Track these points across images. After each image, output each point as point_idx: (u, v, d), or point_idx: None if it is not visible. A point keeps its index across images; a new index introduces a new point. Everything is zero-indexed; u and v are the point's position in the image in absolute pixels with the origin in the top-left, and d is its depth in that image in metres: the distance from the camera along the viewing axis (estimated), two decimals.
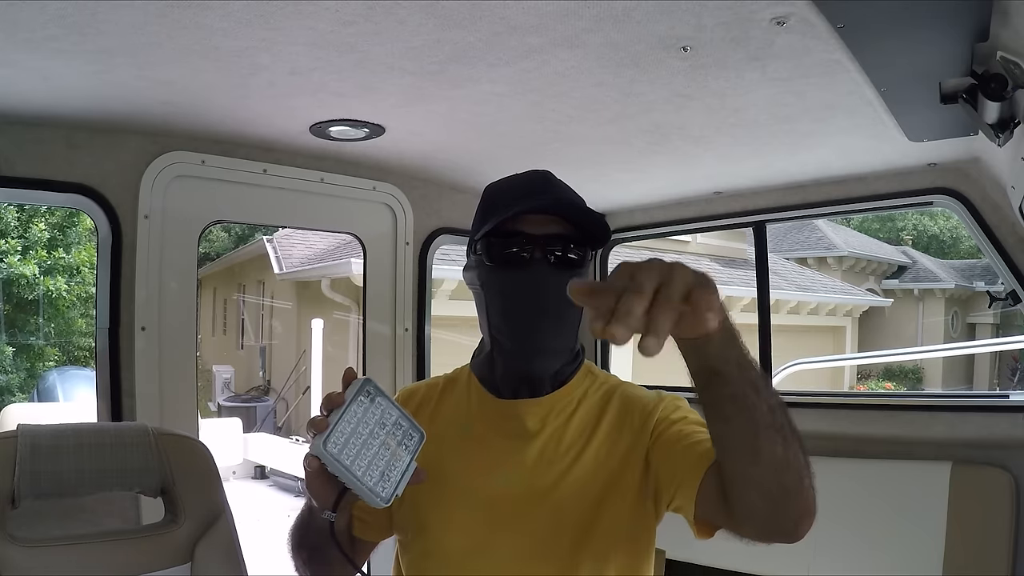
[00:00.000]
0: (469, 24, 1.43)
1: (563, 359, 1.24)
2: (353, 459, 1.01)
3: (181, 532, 1.55)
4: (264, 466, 9.15)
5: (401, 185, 2.69)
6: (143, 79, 1.75)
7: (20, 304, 10.94)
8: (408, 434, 1.08)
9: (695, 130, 2.07)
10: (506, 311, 1.20)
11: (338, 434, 1.01)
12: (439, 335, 2.89)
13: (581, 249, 1.20)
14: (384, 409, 1.06)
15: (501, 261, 1.20)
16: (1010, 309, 4.94)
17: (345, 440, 1.01)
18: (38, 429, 1.50)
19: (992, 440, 2.37)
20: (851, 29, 1.39)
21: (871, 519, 2.49)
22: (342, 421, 1.01)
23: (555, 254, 1.18)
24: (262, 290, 14.08)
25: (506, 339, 1.22)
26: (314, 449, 1.00)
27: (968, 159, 2.27)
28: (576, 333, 1.25)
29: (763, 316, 2.97)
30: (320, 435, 1.00)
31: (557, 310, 1.18)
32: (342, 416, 1.01)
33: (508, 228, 1.18)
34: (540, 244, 1.17)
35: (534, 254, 1.17)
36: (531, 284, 1.17)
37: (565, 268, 1.18)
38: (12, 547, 1.40)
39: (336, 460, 0.99)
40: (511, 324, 1.20)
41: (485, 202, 1.27)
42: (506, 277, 1.19)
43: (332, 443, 1.00)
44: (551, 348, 1.21)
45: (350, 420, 1.02)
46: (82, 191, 2.12)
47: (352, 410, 1.03)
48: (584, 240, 1.20)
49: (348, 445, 1.01)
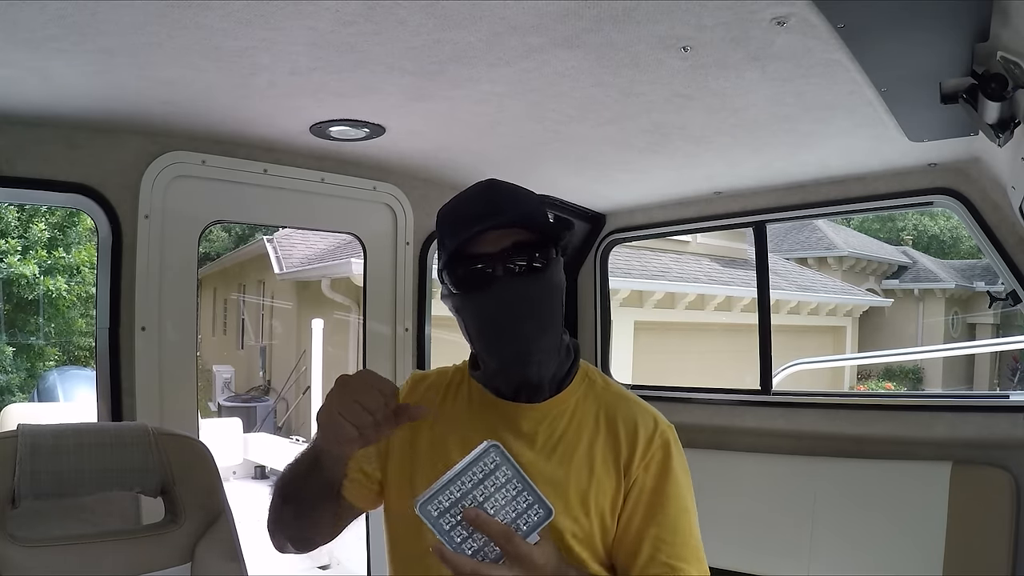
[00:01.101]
0: (469, 24, 1.43)
1: (554, 357, 1.25)
2: (453, 526, 0.96)
3: (181, 532, 1.55)
4: (264, 466, 9.14)
5: (401, 185, 2.69)
6: (143, 79, 1.75)
7: (20, 304, 10.94)
8: (533, 508, 1.01)
9: (695, 130, 2.07)
10: (487, 331, 1.22)
11: (444, 497, 0.96)
12: (439, 335, 2.88)
13: (543, 250, 1.21)
14: (509, 478, 1.00)
15: (468, 285, 1.21)
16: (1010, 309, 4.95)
17: (450, 505, 0.96)
18: (38, 429, 1.50)
19: (992, 440, 2.37)
20: (851, 29, 1.39)
21: (871, 519, 2.49)
22: (453, 483, 0.97)
23: (518, 264, 1.19)
24: (262, 290, 14.08)
25: (495, 356, 1.23)
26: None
27: (968, 159, 2.27)
28: (560, 329, 1.26)
29: (763, 316, 2.98)
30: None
31: (535, 315, 1.19)
32: (455, 478, 0.97)
33: (466, 252, 1.19)
34: (500, 260, 1.18)
35: (496, 271, 1.18)
36: (502, 300, 1.18)
37: (530, 275, 1.19)
38: (12, 547, 1.40)
39: (432, 524, 0.95)
40: (495, 342, 1.22)
41: (440, 229, 1.27)
42: (477, 300, 1.20)
43: (434, 506, 0.95)
44: (538, 352, 1.21)
45: (463, 484, 0.97)
46: (82, 191, 2.12)
47: (469, 474, 0.98)
48: (545, 240, 1.21)
49: (451, 511, 0.96)
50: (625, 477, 1.23)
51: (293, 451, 8.06)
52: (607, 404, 1.29)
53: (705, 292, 12.38)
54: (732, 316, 12.75)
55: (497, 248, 1.18)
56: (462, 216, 1.22)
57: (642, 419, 1.27)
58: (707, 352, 12.32)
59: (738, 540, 2.68)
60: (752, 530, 2.69)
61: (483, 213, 1.19)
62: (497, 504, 0.99)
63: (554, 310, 1.23)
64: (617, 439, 1.25)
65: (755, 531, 2.69)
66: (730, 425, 2.90)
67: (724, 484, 2.74)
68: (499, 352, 1.22)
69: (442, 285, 1.28)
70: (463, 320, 1.24)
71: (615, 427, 1.26)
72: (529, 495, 1.01)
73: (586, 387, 1.30)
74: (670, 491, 1.22)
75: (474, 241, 1.18)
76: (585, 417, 1.27)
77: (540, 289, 1.20)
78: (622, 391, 1.33)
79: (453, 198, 1.28)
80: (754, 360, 2.93)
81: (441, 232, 1.26)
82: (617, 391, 1.33)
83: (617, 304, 10.30)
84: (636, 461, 1.23)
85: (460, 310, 1.24)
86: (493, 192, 1.24)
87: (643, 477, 1.23)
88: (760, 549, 2.67)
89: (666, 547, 1.19)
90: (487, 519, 0.98)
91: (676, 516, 1.21)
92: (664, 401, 3.05)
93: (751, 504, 2.72)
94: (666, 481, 1.23)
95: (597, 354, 3.28)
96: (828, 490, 2.61)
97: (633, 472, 1.22)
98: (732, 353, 11.05)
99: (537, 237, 1.20)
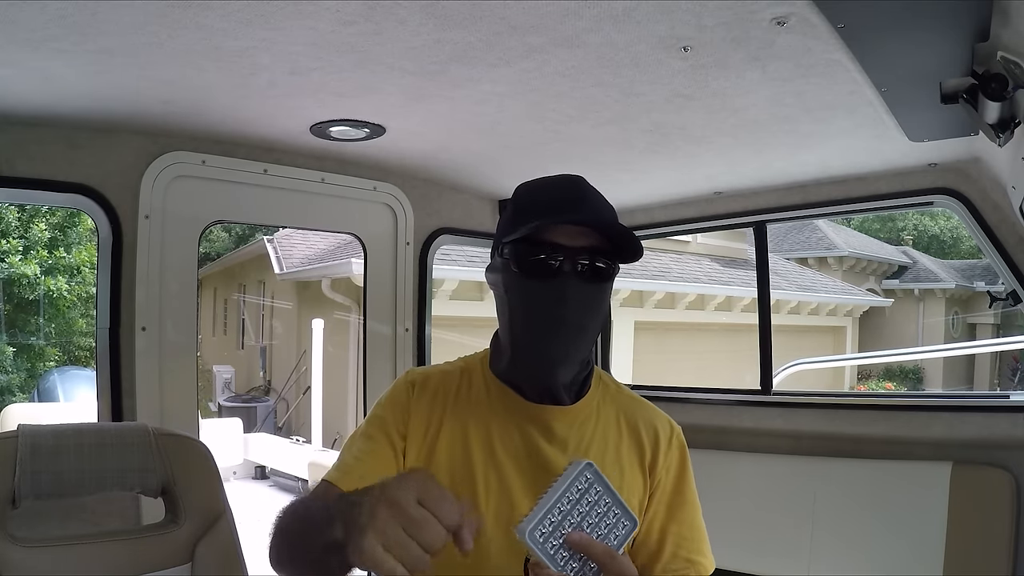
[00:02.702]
0: (469, 24, 1.43)
1: (580, 368, 1.24)
2: (556, 549, 0.98)
3: (181, 532, 1.55)
4: (264, 466, 9.14)
5: (402, 185, 2.69)
6: (144, 79, 1.75)
7: (21, 304, 10.94)
8: (621, 522, 1.03)
9: (695, 130, 2.07)
10: (532, 319, 1.18)
11: (547, 522, 0.97)
12: (440, 335, 2.89)
13: (610, 262, 1.19)
14: (600, 495, 1.02)
15: (530, 269, 1.17)
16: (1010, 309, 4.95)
17: (552, 528, 0.98)
18: (39, 429, 1.50)
19: (992, 440, 2.37)
20: (851, 29, 1.39)
21: (871, 519, 2.49)
22: (554, 506, 0.98)
23: (584, 266, 1.17)
24: (262, 290, 14.07)
25: (529, 346, 1.20)
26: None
27: (968, 159, 2.27)
28: (594, 343, 1.26)
29: (764, 316, 2.98)
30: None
31: (582, 321, 1.17)
32: (555, 500, 0.98)
33: (540, 236, 1.16)
34: (571, 256, 1.16)
35: (563, 265, 1.16)
36: (559, 295, 1.15)
37: (593, 280, 1.18)
38: (12, 547, 1.40)
39: (538, 549, 0.97)
40: (536, 332, 1.19)
41: (517, 204, 1.24)
42: (534, 286, 1.17)
43: (539, 531, 0.97)
44: (572, 358, 1.20)
45: (562, 506, 0.99)
46: (83, 191, 2.12)
47: (567, 495, 0.99)
48: (613, 253, 1.19)
49: (554, 535, 0.98)
50: (651, 477, 1.26)
51: (293, 451, 7.99)
52: (624, 408, 1.31)
53: (705, 292, 12.37)
54: (732, 316, 12.75)
55: (575, 243, 1.16)
56: (553, 200, 1.19)
57: (660, 422, 1.31)
58: (707, 352, 12.32)
59: (738, 540, 2.68)
60: (752, 530, 2.69)
61: (572, 200, 1.19)
62: (592, 522, 1.01)
63: (599, 322, 1.23)
64: (640, 442, 1.27)
65: (755, 531, 2.69)
66: (730, 425, 2.90)
67: (724, 484, 2.73)
68: (539, 345, 1.19)
69: (498, 258, 1.24)
70: (510, 301, 1.21)
71: (637, 430, 1.28)
72: (617, 508, 1.03)
73: (602, 391, 1.30)
74: (687, 491, 1.29)
75: (555, 228, 1.16)
76: (608, 421, 1.28)
77: (599, 297, 1.20)
78: (633, 394, 1.35)
79: (536, 179, 1.26)
80: (754, 360, 2.93)
81: (518, 207, 1.23)
82: (629, 395, 1.34)
83: (617, 304, 10.30)
84: (660, 463, 1.27)
85: (511, 290, 1.20)
86: (583, 189, 1.22)
87: (665, 478, 1.27)
88: (760, 549, 2.67)
89: (686, 543, 1.25)
90: (590, 542, 1.00)
91: (693, 515, 1.28)
92: (664, 401, 3.04)
93: (751, 504, 2.72)
94: (684, 482, 1.29)
95: (598, 354, 3.28)
96: (828, 490, 2.61)
97: (658, 473, 1.27)
98: (732, 353, 11.07)
99: (609, 247, 1.18)
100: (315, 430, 9.27)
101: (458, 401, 1.27)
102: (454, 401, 1.27)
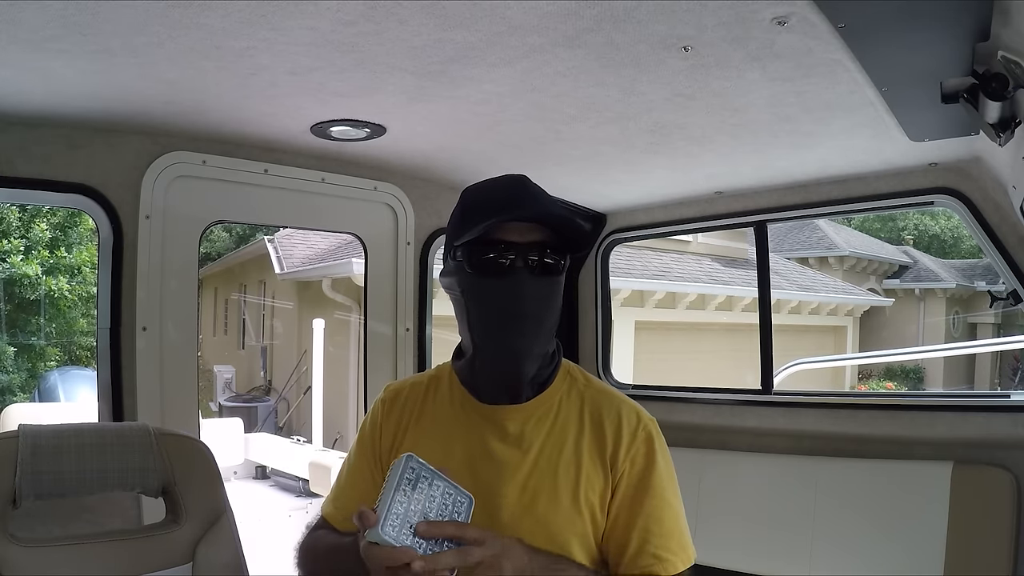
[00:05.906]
0: (470, 24, 1.43)
1: (541, 362, 1.26)
2: (412, 538, 1.03)
3: (182, 532, 1.55)
4: (265, 466, 9.14)
5: (402, 185, 2.69)
6: (144, 79, 1.75)
7: (22, 304, 10.94)
8: (457, 499, 1.08)
9: (696, 130, 2.07)
10: (489, 317, 1.22)
11: (393, 516, 1.02)
12: (440, 335, 2.88)
13: (559, 255, 1.23)
14: (430, 482, 1.07)
15: (483, 268, 1.21)
16: (1011, 309, 4.94)
17: (401, 521, 1.03)
18: (39, 429, 1.50)
19: (993, 440, 2.37)
20: (852, 29, 1.39)
21: (871, 519, 2.49)
22: (393, 501, 1.03)
23: (535, 261, 1.20)
24: (263, 290, 14.07)
25: (488, 344, 1.24)
26: (372, 536, 1.02)
27: (969, 159, 2.26)
28: (553, 336, 1.28)
29: (764, 316, 2.97)
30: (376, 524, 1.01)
31: (538, 315, 1.21)
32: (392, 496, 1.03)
33: (490, 236, 1.20)
34: (521, 252, 1.19)
35: (515, 262, 1.19)
36: (513, 291, 1.19)
37: (545, 274, 1.21)
38: (13, 547, 1.40)
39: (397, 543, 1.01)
40: (494, 330, 1.22)
41: (464, 207, 1.27)
42: (488, 284, 1.21)
43: (390, 527, 1.02)
44: (532, 352, 1.23)
45: (400, 498, 1.03)
46: (83, 191, 2.12)
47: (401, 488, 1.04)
48: (562, 246, 1.23)
49: (404, 526, 1.03)
50: (612, 471, 1.25)
51: (294, 451, 7.96)
52: (591, 400, 1.30)
53: (706, 292, 12.37)
54: (733, 316, 12.74)
55: (524, 240, 1.20)
56: (497, 200, 1.22)
57: (625, 413, 1.29)
58: (708, 352, 12.32)
59: (738, 540, 2.68)
60: (752, 530, 2.69)
61: (517, 199, 1.21)
62: (433, 507, 1.06)
63: (555, 315, 1.25)
64: (602, 434, 1.26)
65: (755, 531, 2.68)
66: (731, 425, 2.90)
67: (725, 484, 2.73)
68: (496, 342, 1.22)
69: (450, 261, 1.27)
70: (466, 302, 1.24)
71: (600, 422, 1.27)
72: (450, 489, 1.08)
73: (568, 385, 1.31)
74: (654, 483, 1.25)
75: (504, 227, 1.19)
76: (570, 415, 1.28)
77: (552, 290, 1.23)
78: (604, 387, 1.35)
79: (482, 181, 1.29)
80: (755, 360, 2.93)
81: (465, 209, 1.26)
82: (599, 387, 1.34)
83: (618, 304, 10.30)
84: (622, 455, 1.25)
85: (467, 291, 1.24)
86: (526, 187, 1.26)
87: (629, 470, 1.25)
88: (760, 549, 2.66)
89: (654, 538, 1.22)
90: (438, 524, 1.04)
91: (661, 508, 1.24)
92: (665, 401, 3.06)
93: (751, 504, 2.72)
94: (651, 474, 1.25)
95: (598, 354, 3.28)
96: (829, 490, 2.61)
97: (619, 466, 1.25)
98: (733, 353, 11.06)
99: (559, 241, 1.22)
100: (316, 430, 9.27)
101: (424, 408, 1.32)
102: (420, 409, 1.32)
